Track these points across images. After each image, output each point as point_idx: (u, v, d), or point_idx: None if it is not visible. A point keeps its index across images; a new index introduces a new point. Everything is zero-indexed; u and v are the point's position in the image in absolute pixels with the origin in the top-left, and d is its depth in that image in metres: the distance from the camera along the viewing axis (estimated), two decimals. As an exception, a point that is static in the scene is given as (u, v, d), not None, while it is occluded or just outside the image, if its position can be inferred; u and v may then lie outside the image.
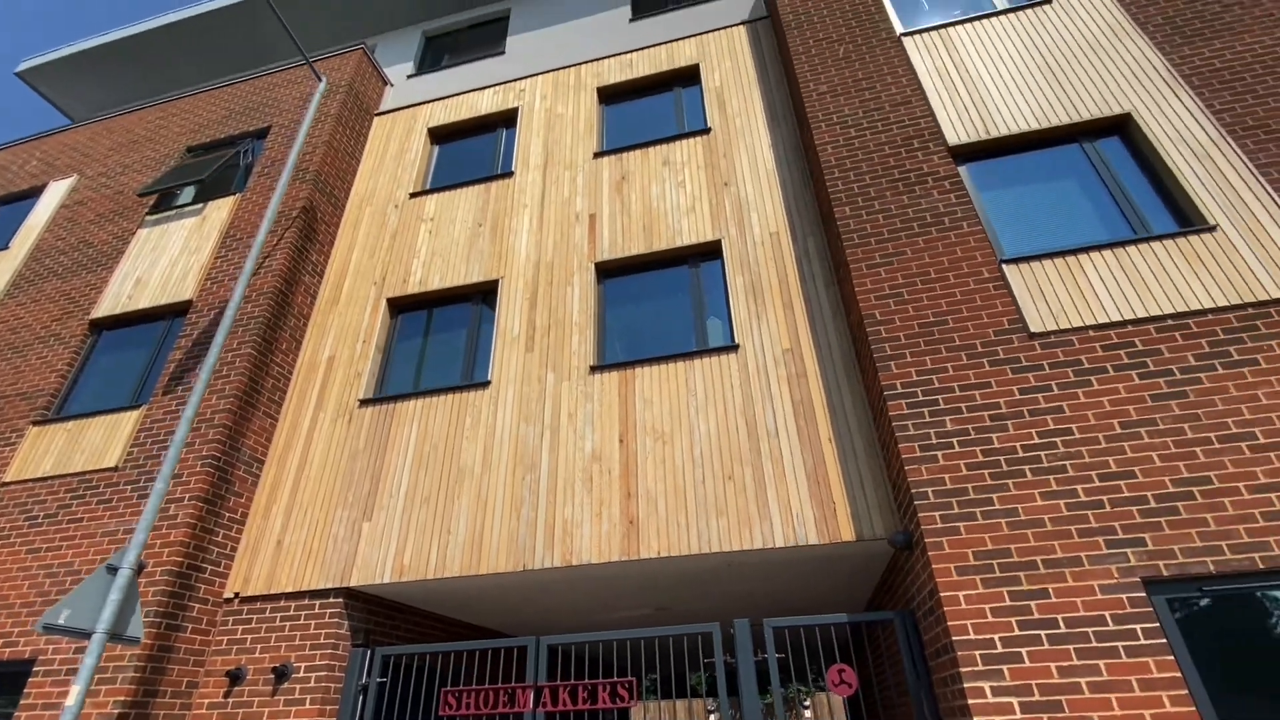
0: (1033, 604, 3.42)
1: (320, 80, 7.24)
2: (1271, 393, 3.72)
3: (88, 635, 3.90)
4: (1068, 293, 4.37)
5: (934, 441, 4.03)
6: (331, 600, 5.08)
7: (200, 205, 7.66)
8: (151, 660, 4.64)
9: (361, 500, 5.51)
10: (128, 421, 5.97)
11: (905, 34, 6.19)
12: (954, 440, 4.00)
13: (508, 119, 8.31)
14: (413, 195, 7.70)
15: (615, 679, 4.38)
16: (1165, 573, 3.36)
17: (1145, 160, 4.95)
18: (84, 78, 11.54)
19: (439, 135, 8.53)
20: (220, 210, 7.49)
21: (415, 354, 6.59)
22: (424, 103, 8.82)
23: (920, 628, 4.06)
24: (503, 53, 9.30)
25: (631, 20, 8.92)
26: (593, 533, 4.83)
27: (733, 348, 5.41)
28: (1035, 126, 5.25)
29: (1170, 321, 4.10)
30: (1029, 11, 5.98)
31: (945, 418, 4.09)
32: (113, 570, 4.16)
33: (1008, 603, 3.46)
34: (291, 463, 5.94)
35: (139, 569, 4.48)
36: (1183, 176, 4.66)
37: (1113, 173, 4.96)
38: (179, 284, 6.98)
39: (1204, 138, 4.79)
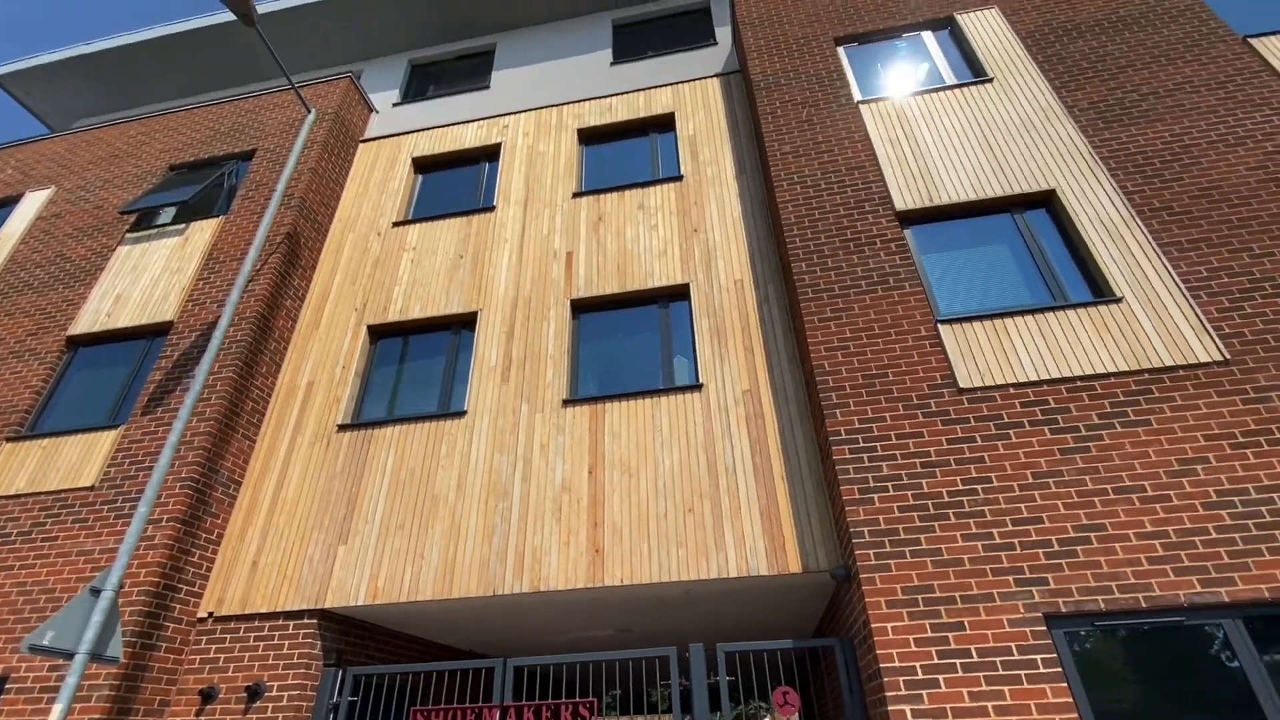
0: (950, 635, 3.86)
1: (309, 112, 7.48)
2: (1160, 451, 4.26)
3: (71, 656, 4.06)
4: (994, 352, 4.89)
5: (871, 484, 4.48)
6: (305, 621, 5.29)
7: (183, 226, 7.80)
8: (126, 679, 4.78)
9: (338, 524, 5.73)
10: (105, 441, 6.08)
11: (863, 102, 6.76)
12: (889, 484, 4.45)
13: (491, 153, 8.66)
14: (396, 224, 7.97)
15: (577, 699, 4.69)
16: (1063, 609, 3.84)
17: (1067, 233, 5.55)
18: (63, 86, 11.51)
19: (423, 165, 8.83)
20: (203, 232, 7.65)
21: (394, 380, 6.84)
22: (409, 132, 9.12)
23: (857, 654, 4.48)
24: (488, 87, 9.67)
25: (613, 64, 9.39)
26: (560, 560, 5.15)
27: (697, 387, 5.82)
28: (973, 197, 5.82)
29: (1079, 383, 4.64)
30: (973, 88, 6.60)
31: (882, 463, 4.55)
32: (95, 592, 4.32)
33: (929, 634, 3.89)
34: (269, 485, 6.12)
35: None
36: (1096, 251, 5.25)
37: (1038, 243, 5.54)
38: (160, 304, 7.12)
39: (1116, 216, 5.40)
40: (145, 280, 7.41)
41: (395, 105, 9.83)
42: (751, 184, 7.23)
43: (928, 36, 7.34)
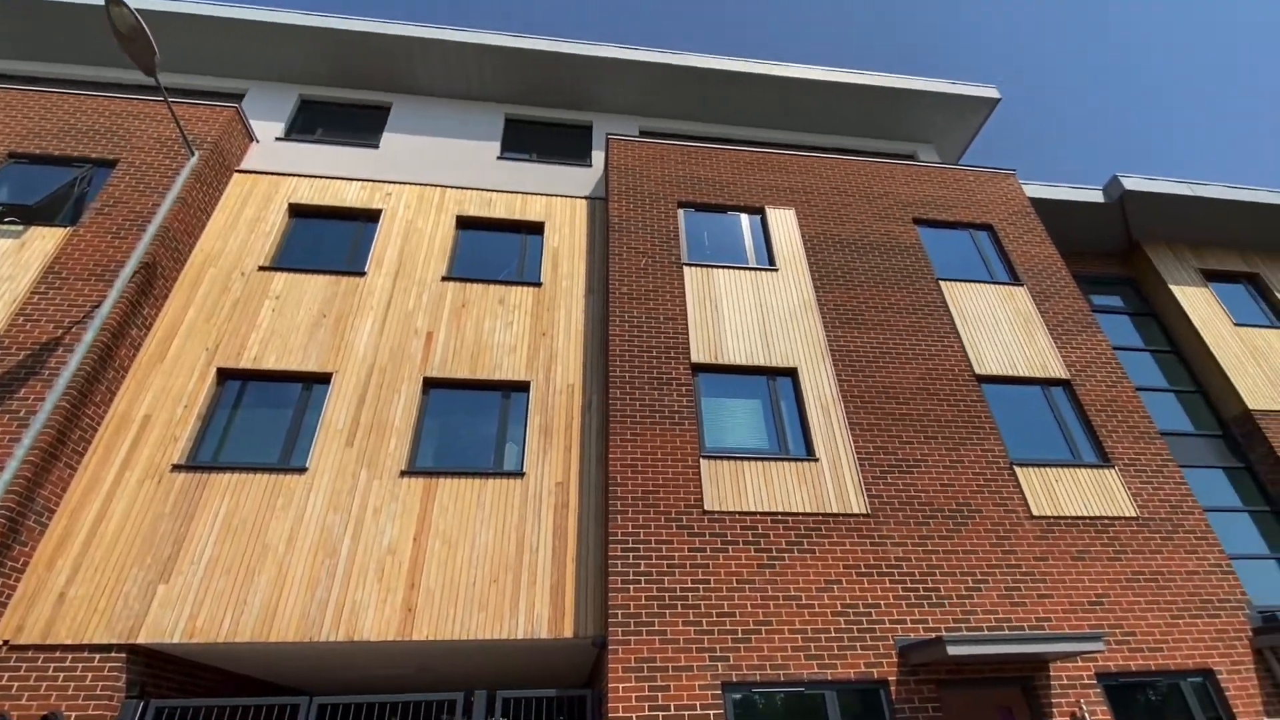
0: (659, 694, 5.55)
1: (191, 155, 7.75)
2: (816, 571, 6.42)
3: None
4: (732, 484, 6.86)
5: (631, 577, 6.13)
6: (114, 655, 5.65)
7: (21, 227, 7.54)
8: (-96, 708, 4.87)
9: (161, 563, 6.13)
10: (-104, 453, 5.88)
11: (687, 264, 8.72)
12: (643, 578, 6.13)
13: (370, 217, 9.38)
14: (262, 268, 8.37)
15: (372, 734, 5.67)
16: (735, 679, 5.72)
17: (800, 402, 7.80)
18: None
19: (299, 212, 9.28)
20: (45, 240, 7.48)
21: (238, 427, 7.29)
22: (289, 175, 9.50)
23: (602, 705, 6.02)
24: (377, 147, 10.35)
25: (499, 157, 10.61)
26: (376, 616, 6.12)
27: (520, 474, 7.15)
28: (746, 362, 7.92)
29: (780, 515, 6.74)
30: (764, 273, 8.85)
31: (642, 561, 6.23)
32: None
33: (647, 692, 5.55)
34: (86, 517, 6.30)
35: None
36: (812, 420, 7.53)
37: (780, 406, 7.73)
38: (-20, 310, 6.88)
39: (829, 396, 7.77)
40: (-37, 279, 7.08)
41: (279, 140, 10.09)
42: (596, 304, 8.83)
43: (745, 219, 9.59)
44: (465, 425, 7.71)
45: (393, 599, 6.22)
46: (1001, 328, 8.80)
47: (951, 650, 5.48)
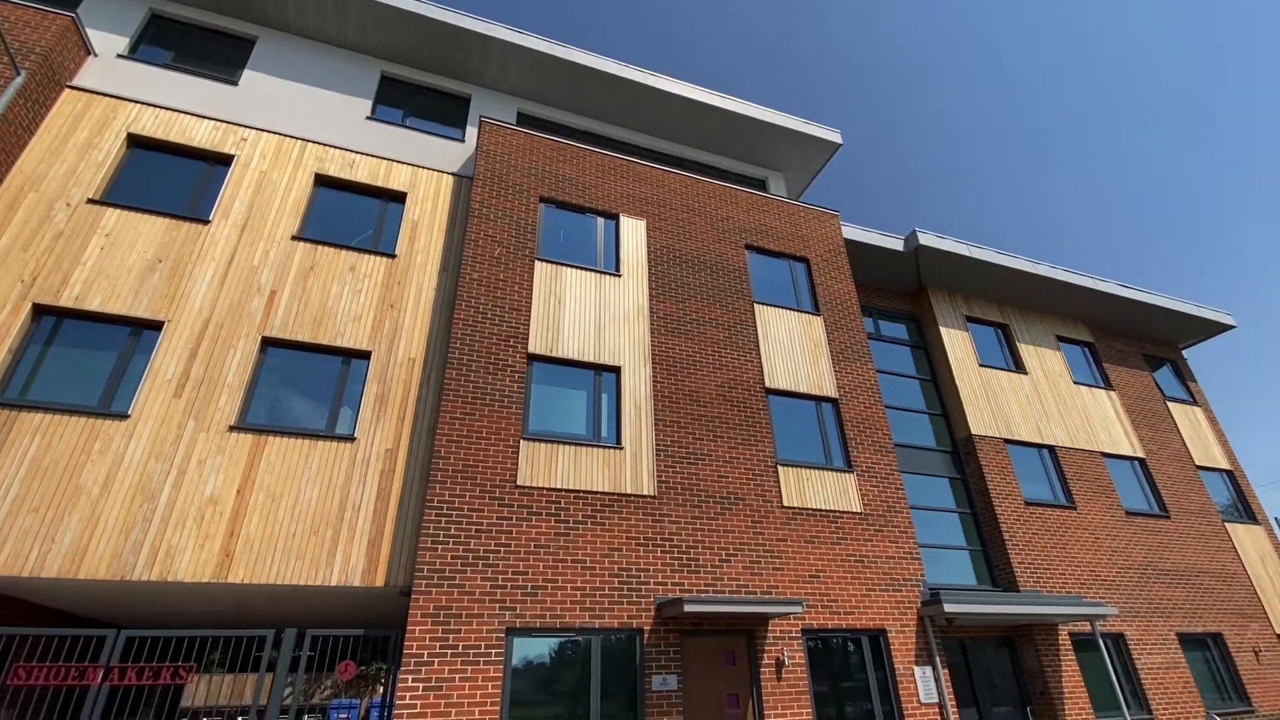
0: (451, 636, 6.63)
1: (17, 75, 7.25)
2: (603, 541, 7.75)
3: None
4: (545, 465, 7.98)
5: (441, 539, 7.09)
6: (-103, 586, 5.72)
7: None
8: None
9: (-44, 498, 6.16)
10: None
11: (539, 258, 9.54)
12: (451, 540, 7.12)
13: (221, 160, 9.16)
14: (92, 201, 8.05)
15: (179, 663, 6.25)
16: (518, 625, 6.93)
17: (618, 396, 9.02)
18: None
19: (140, 144, 8.86)
20: None
21: (53, 367, 7.19)
22: (131, 101, 8.99)
23: (403, 642, 7.00)
24: (235, 84, 9.95)
25: (369, 117, 10.61)
26: (193, 559, 6.60)
27: (351, 439, 7.78)
28: (578, 357, 8.99)
29: (582, 492, 7.97)
30: (608, 277, 9.89)
31: (453, 526, 7.20)
32: None
33: (440, 634, 6.61)
34: None
35: None
36: (626, 413, 8.80)
37: (601, 399, 8.91)
38: None
39: (643, 394, 9.07)
40: None
41: (120, 57, 9.39)
42: (448, 283, 9.41)
43: (600, 223, 10.52)
44: (302, 387, 8.12)
45: (211, 545, 6.72)
46: (795, 349, 10.58)
47: (688, 608, 7.07)
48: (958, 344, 13.43)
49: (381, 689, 10.66)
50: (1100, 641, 9.79)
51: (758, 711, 7.55)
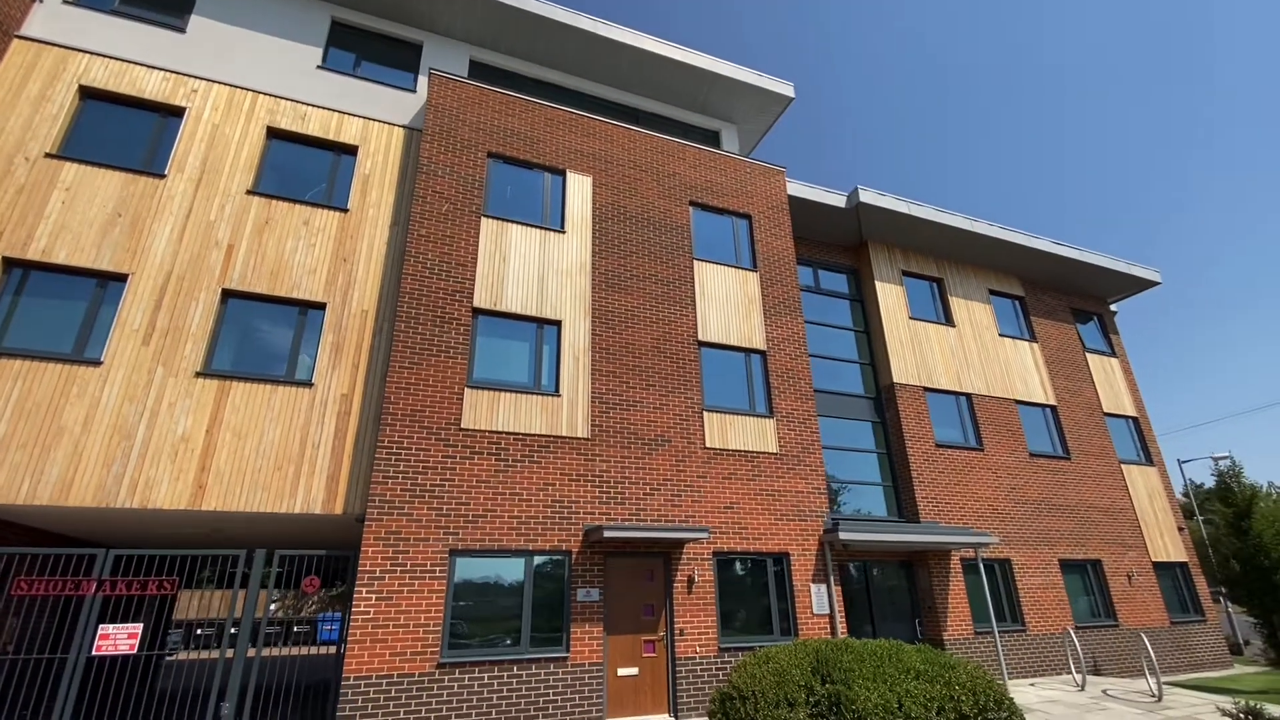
0: (400, 555, 7.72)
1: (-37, 31, 7.43)
2: (539, 477, 8.79)
3: None
4: (488, 410, 8.89)
5: (392, 474, 8.06)
6: (-93, 511, 6.58)
7: None
8: None
9: (-50, 436, 6.93)
10: None
11: (485, 215, 10.08)
12: (401, 475, 8.09)
13: (173, 112, 9.42)
14: (49, 155, 8.39)
15: (164, 577, 7.29)
16: (459, 547, 8.04)
17: (558, 348, 9.84)
18: None
19: (92, 95, 9.08)
20: None
21: (27, 316, 7.80)
22: (81, 51, 9.12)
23: (360, 557, 8.08)
24: (184, 31, 10.03)
25: (320, 66, 10.77)
26: (170, 489, 7.52)
27: (309, 384, 8.59)
28: (521, 311, 9.73)
29: (522, 434, 8.94)
30: (553, 234, 10.49)
31: (402, 464, 8.16)
32: None
33: (390, 554, 7.69)
34: None
35: None
36: (564, 363, 9.66)
37: (542, 350, 9.74)
38: None
39: (581, 346, 9.91)
40: None
41: (66, 2, 9.42)
42: (399, 237, 9.97)
43: (547, 179, 10.99)
44: (262, 336, 8.84)
45: (185, 477, 7.63)
46: (730, 304, 11.41)
47: (607, 534, 8.22)
48: (890, 297, 14.32)
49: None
50: (980, 565, 11.29)
51: (669, 618, 8.88)
